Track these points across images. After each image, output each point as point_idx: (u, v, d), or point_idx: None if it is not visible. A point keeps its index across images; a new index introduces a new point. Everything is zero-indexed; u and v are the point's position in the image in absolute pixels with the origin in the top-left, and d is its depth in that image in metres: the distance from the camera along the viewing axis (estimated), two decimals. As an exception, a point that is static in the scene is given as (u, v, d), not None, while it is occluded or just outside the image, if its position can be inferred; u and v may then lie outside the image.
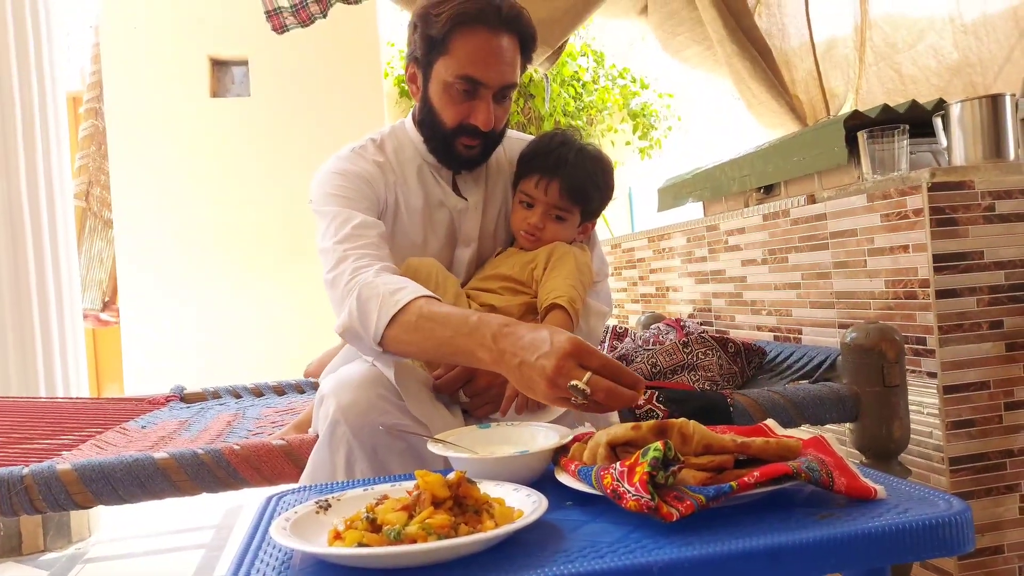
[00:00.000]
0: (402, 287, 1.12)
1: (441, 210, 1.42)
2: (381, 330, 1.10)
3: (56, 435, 1.66)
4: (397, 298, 1.10)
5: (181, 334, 4.15)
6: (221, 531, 2.67)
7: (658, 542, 0.68)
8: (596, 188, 1.41)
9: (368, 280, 1.15)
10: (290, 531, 0.71)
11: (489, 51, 1.28)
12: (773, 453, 0.79)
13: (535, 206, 1.39)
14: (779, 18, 3.02)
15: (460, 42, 1.28)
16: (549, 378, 0.93)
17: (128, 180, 4.16)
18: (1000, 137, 1.63)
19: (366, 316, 1.12)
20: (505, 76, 1.31)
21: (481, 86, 1.30)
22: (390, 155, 1.42)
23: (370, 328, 1.11)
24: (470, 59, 1.28)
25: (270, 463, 1.23)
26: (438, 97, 1.33)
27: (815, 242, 1.88)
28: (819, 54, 2.87)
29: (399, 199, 1.39)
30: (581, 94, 4.90)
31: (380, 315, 1.10)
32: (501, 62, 1.30)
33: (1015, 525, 1.55)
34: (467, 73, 1.29)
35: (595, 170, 1.40)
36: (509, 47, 1.30)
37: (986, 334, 1.54)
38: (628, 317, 3.10)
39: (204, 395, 2.15)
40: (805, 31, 2.91)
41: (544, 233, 1.40)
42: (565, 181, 1.37)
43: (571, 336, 0.95)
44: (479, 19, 1.27)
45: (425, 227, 1.41)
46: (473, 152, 1.37)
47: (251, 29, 4.03)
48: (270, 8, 2.47)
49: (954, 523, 0.70)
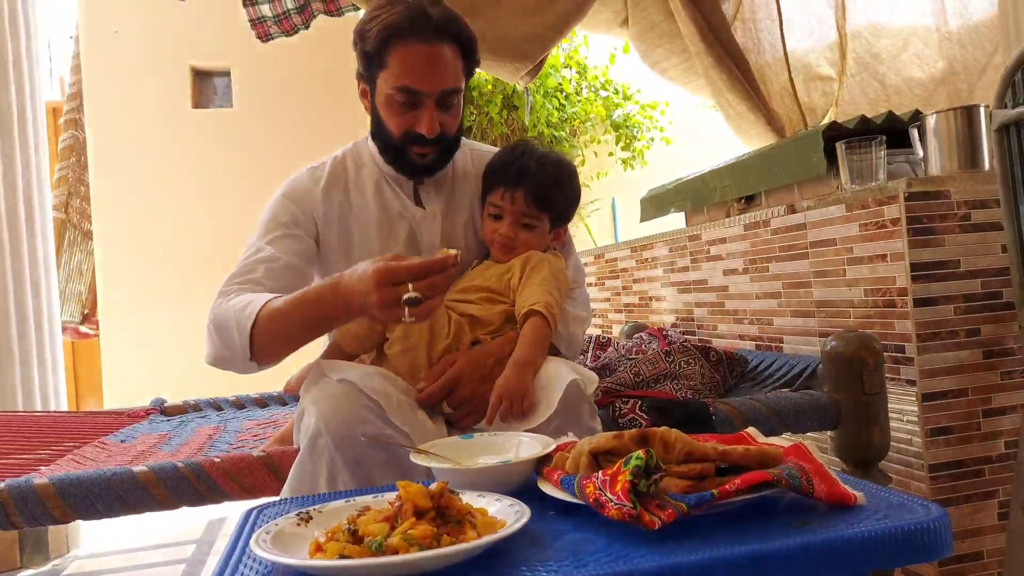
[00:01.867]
0: (249, 302, 1.23)
1: (401, 221, 1.46)
2: (247, 346, 1.21)
3: (33, 450, 1.64)
4: (248, 311, 1.21)
5: (162, 347, 4.11)
6: (202, 545, 2.64)
7: (640, 550, 0.69)
8: (561, 193, 1.42)
9: (217, 310, 1.27)
10: (270, 544, 0.71)
11: (424, 60, 1.31)
12: (754, 460, 0.80)
13: (503, 217, 1.41)
14: (754, 32, 3.05)
15: (395, 55, 1.32)
16: (380, 309, 1.06)
17: (108, 191, 4.13)
18: (975, 148, 1.66)
19: (228, 339, 1.23)
20: (444, 82, 1.33)
21: (421, 95, 1.33)
22: (350, 171, 1.48)
23: (236, 348, 1.22)
24: (406, 70, 1.31)
25: (251, 476, 1.22)
26: (383, 109, 1.37)
27: (795, 252, 1.89)
28: (797, 67, 2.90)
29: (346, 214, 1.44)
30: (564, 105, 4.93)
31: (240, 334, 1.21)
32: (438, 69, 1.32)
33: (994, 531, 1.57)
34: (404, 84, 1.32)
35: (558, 176, 1.42)
36: (446, 53, 1.33)
37: (963, 342, 1.56)
38: (612, 327, 3.11)
39: (185, 408, 2.12)
40: (779, 45, 2.94)
41: (516, 242, 1.41)
42: (530, 190, 1.39)
43: (373, 268, 1.06)
44: (410, 31, 1.30)
45: (383, 238, 1.44)
46: (427, 159, 1.40)
47: (234, 39, 4.02)
48: (254, 17, 2.48)
49: (932, 529, 0.71)
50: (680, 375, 1.60)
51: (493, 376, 1.26)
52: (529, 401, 1.19)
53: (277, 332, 1.20)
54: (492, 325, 1.36)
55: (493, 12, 2.54)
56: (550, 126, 4.81)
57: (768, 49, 2.97)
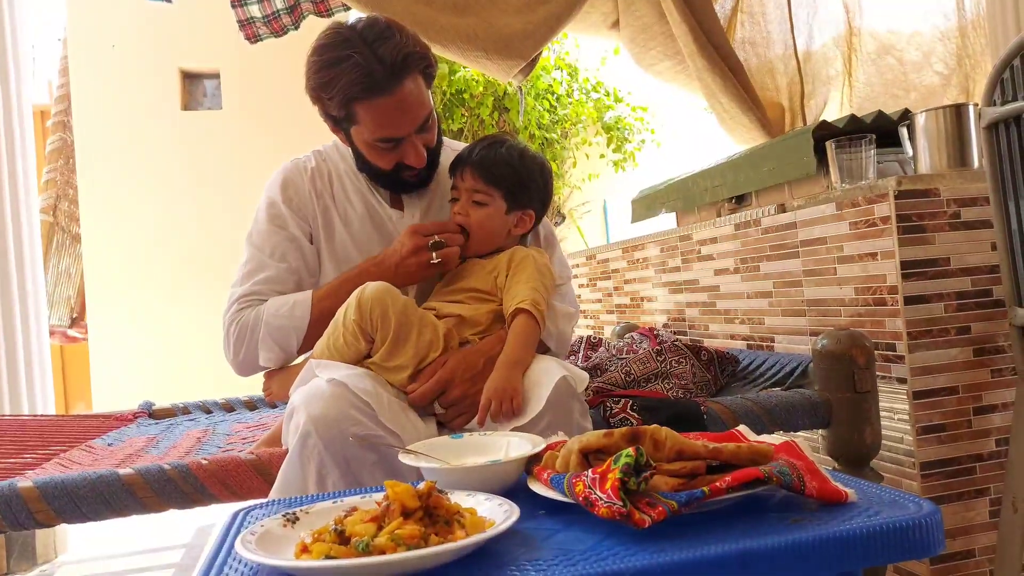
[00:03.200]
0: (294, 303, 1.38)
1: (379, 221, 1.48)
2: (304, 331, 1.37)
3: (18, 454, 1.62)
4: (298, 312, 1.37)
5: (151, 350, 4.08)
6: (192, 550, 2.62)
7: (630, 549, 0.68)
8: (511, 169, 1.41)
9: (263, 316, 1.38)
10: (256, 545, 0.69)
11: (394, 111, 1.32)
12: (745, 458, 0.79)
13: (459, 198, 1.43)
14: (763, 26, 3.04)
15: (363, 114, 1.33)
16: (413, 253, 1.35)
17: (97, 194, 4.10)
18: (964, 146, 1.66)
19: (285, 341, 1.38)
20: (417, 118, 1.35)
21: (402, 138, 1.35)
22: (331, 168, 1.50)
23: (293, 347, 1.38)
24: (379, 124, 1.33)
25: (239, 478, 1.21)
26: (367, 152, 1.40)
27: (786, 251, 1.89)
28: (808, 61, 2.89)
29: (328, 207, 1.47)
30: (555, 107, 4.93)
31: (296, 333, 1.37)
32: (409, 111, 1.33)
33: (985, 529, 1.57)
34: (383, 136, 1.34)
35: (510, 156, 1.41)
36: (411, 90, 1.32)
37: (954, 339, 1.56)
38: (603, 328, 3.10)
39: (173, 411, 2.11)
40: (789, 39, 2.93)
41: (469, 220, 1.41)
42: (477, 165, 1.40)
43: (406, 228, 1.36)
44: (371, 90, 1.29)
45: (364, 237, 1.47)
46: (419, 176, 1.44)
47: (223, 41, 4.01)
48: (243, 18, 2.46)
49: (924, 525, 0.71)
50: (671, 374, 1.59)
51: (484, 376, 1.25)
52: (519, 400, 1.18)
53: (330, 307, 1.32)
54: (480, 325, 1.35)
55: (485, 10, 2.53)
56: (541, 127, 4.81)
57: (778, 40, 2.96)
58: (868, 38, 2.70)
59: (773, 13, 3.01)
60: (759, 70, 3.06)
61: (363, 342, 1.27)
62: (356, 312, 1.26)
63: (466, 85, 4.51)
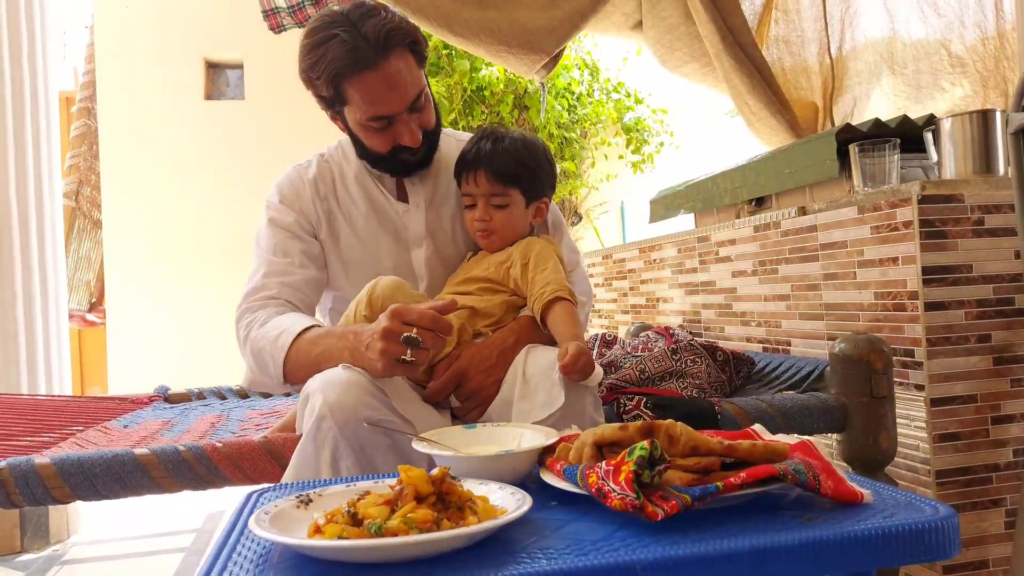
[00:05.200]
0: (281, 331, 1.29)
1: (385, 215, 1.48)
2: (281, 373, 1.28)
3: (36, 433, 1.64)
4: (281, 343, 1.27)
5: (168, 336, 4.12)
6: (202, 535, 2.64)
7: (643, 541, 0.68)
8: (523, 165, 1.41)
9: (253, 338, 1.32)
10: (269, 524, 0.70)
11: (383, 86, 1.31)
12: (760, 456, 0.79)
13: (475, 202, 1.42)
14: (797, 23, 2.99)
15: (352, 92, 1.33)
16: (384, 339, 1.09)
17: (119, 181, 4.14)
18: (989, 152, 1.64)
19: (264, 366, 1.31)
20: (407, 95, 1.34)
21: (392, 116, 1.34)
22: (335, 168, 1.50)
23: (271, 374, 1.30)
24: (369, 102, 1.32)
25: (252, 461, 1.21)
26: (362, 134, 1.39)
27: (805, 253, 1.88)
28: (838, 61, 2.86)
29: (333, 208, 1.47)
30: (575, 106, 4.92)
31: (274, 363, 1.28)
32: (398, 87, 1.32)
33: (1000, 540, 1.55)
34: (374, 114, 1.34)
35: (517, 149, 1.41)
36: (398, 66, 1.32)
37: (974, 347, 1.54)
38: (618, 328, 3.09)
39: (188, 396, 2.12)
40: (824, 37, 2.90)
41: (492, 224, 1.41)
42: (489, 167, 1.39)
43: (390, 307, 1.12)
44: (357, 65, 1.29)
45: (370, 233, 1.47)
46: (418, 156, 1.42)
47: (247, 32, 4.03)
48: (268, 8, 2.48)
49: (940, 528, 0.70)
50: (686, 373, 1.58)
51: (498, 368, 1.25)
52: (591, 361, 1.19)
53: (304, 362, 1.25)
54: (493, 316, 1.36)
55: (509, 5, 2.53)
56: (560, 127, 4.81)
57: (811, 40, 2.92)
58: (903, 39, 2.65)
59: (808, 11, 2.96)
60: (793, 69, 3.03)
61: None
62: (367, 307, 1.27)
63: (486, 82, 4.51)
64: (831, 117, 2.91)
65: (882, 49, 2.71)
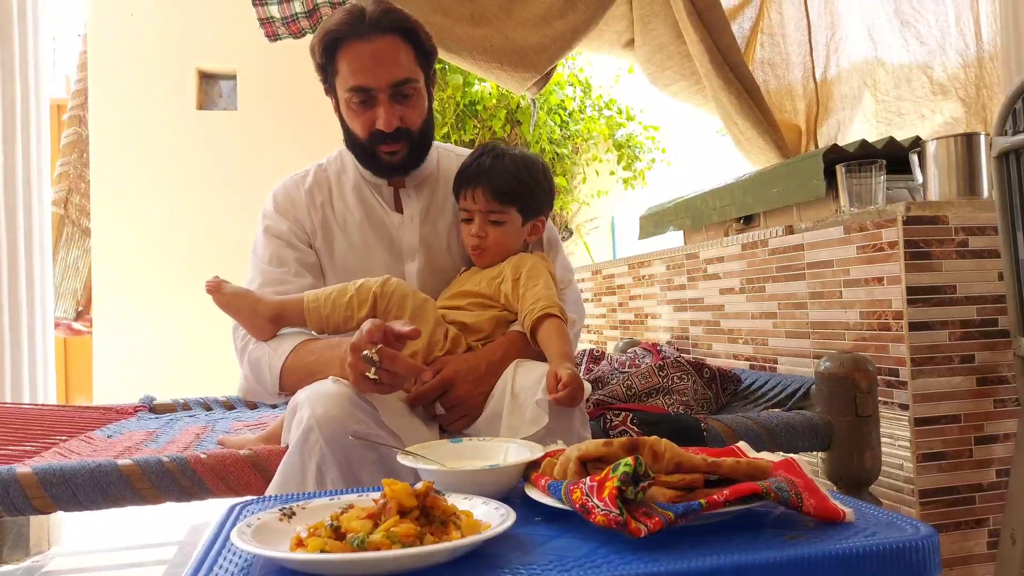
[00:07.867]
0: (280, 341, 1.33)
1: (380, 226, 1.48)
2: (277, 383, 1.31)
3: (18, 442, 1.62)
4: (280, 352, 1.31)
5: (154, 346, 4.09)
6: (185, 548, 2.61)
7: (625, 557, 0.68)
8: (522, 184, 1.42)
9: (253, 346, 1.36)
10: (251, 537, 0.70)
11: (366, 58, 1.35)
12: (743, 473, 0.79)
13: (472, 217, 1.42)
14: (783, 47, 3.03)
15: (342, 59, 1.37)
16: (352, 353, 1.12)
17: (108, 189, 4.13)
18: (974, 174, 1.66)
19: (260, 376, 1.34)
20: (391, 75, 1.36)
21: (372, 91, 1.36)
22: (332, 177, 1.51)
23: (267, 383, 1.33)
24: (352, 71, 1.36)
25: (236, 473, 1.21)
26: (346, 113, 1.42)
27: (792, 272, 1.89)
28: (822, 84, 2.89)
29: (328, 217, 1.48)
30: (567, 122, 4.95)
31: (271, 373, 1.32)
32: (383, 63, 1.35)
33: (983, 560, 1.56)
34: (354, 84, 1.36)
35: (516, 168, 1.42)
36: (389, 46, 1.36)
37: (957, 368, 1.56)
38: (606, 343, 3.10)
39: (174, 406, 2.11)
40: (808, 61, 2.93)
41: (488, 241, 1.42)
42: (488, 185, 1.40)
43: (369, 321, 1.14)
44: (347, 35, 1.35)
45: (363, 243, 1.47)
46: (397, 157, 1.42)
47: (240, 42, 4.04)
48: (263, 17, 2.49)
49: (921, 547, 0.70)
50: (673, 390, 1.59)
51: (486, 380, 1.25)
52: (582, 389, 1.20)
53: (299, 371, 1.29)
54: (483, 331, 1.36)
55: (501, 22, 2.55)
56: (552, 142, 4.83)
57: (797, 63, 2.95)
58: (885, 64, 2.69)
59: (793, 35, 3.00)
60: (777, 92, 3.07)
61: (364, 311, 1.29)
62: (380, 286, 1.30)
63: (479, 97, 4.53)
64: (815, 140, 2.94)
65: (865, 75, 2.74)
